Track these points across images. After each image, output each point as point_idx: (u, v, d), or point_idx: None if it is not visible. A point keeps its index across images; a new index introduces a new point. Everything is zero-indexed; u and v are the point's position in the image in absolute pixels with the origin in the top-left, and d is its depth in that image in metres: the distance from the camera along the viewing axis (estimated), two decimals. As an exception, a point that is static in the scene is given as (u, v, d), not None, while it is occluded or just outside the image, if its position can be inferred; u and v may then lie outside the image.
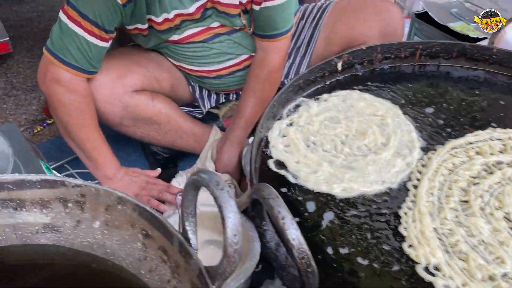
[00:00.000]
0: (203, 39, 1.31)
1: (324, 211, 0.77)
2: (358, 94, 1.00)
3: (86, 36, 1.15)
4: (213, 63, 1.37)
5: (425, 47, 1.07)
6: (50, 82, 1.19)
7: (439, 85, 1.04)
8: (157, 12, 1.19)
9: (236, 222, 0.53)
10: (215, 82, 1.43)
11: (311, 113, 0.95)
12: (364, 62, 1.06)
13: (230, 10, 1.23)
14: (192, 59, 1.36)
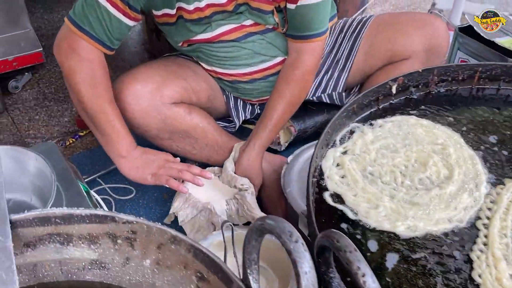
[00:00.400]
0: (235, 37, 1.28)
1: (387, 251, 0.71)
2: (415, 119, 0.94)
3: (108, 7, 1.13)
4: (246, 65, 1.34)
5: (485, 69, 1.01)
6: (66, 49, 1.16)
7: (500, 110, 0.98)
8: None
9: (313, 279, 0.48)
10: (249, 87, 1.39)
11: (366, 140, 0.89)
12: (419, 85, 1.00)
13: (263, 6, 1.20)
14: (224, 61, 1.33)
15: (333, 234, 0.54)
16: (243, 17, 1.24)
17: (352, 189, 0.80)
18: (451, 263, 0.70)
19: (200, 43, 1.30)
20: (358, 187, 0.80)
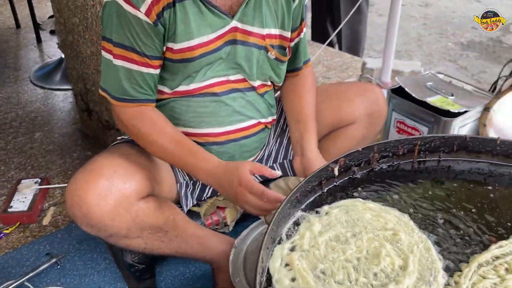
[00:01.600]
0: (218, 91, 1.28)
1: None
2: (362, 203, 0.90)
3: (126, 65, 1.18)
4: (223, 123, 1.33)
5: (424, 142, 0.99)
6: (120, 122, 1.25)
7: (443, 183, 0.96)
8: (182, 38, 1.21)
9: None
10: (220, 150, 1.35)
11: (314, 231, 0.83)
12: (361, 164, 0.97)
13: (258, 41, 1.28)
14: (202, 117, 1.31)
15: None
16: (231, 70, 1.28)
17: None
18: None
19: (180, 96, 1.28)
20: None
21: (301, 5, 1.37)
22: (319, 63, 2.90)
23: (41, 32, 3.18)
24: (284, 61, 1.38)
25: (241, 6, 1.23)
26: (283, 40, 1.34)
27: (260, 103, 1.38)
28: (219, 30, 1.22)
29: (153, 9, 1.14)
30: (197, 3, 1.19)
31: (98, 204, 1.11)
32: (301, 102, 1.43)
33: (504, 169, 0.99)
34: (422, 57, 3.68)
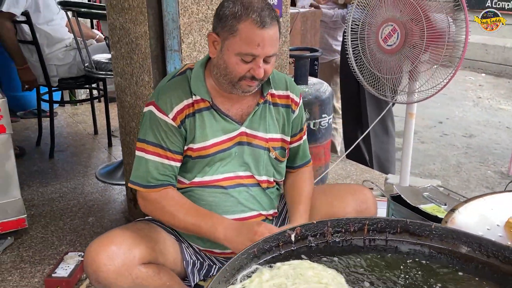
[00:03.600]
0: (226, 185, 1.57)
1: None
2: (309, 263, 1.10)
3: (156, 158, 1.52)
4: (228, 212, 1.58)
5: (371, 222, 1.20)
6: (146, 203, 1.55)
7: (385, 258, 1.14)
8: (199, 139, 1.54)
9: None
10: None
11: (262, 279, 1.04)
12: (317, 235, 1.19)
13: (262, 143, 1.59)
14: (211, 205, 1.57)
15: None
16: (241, 167, 1.58)
17: (239, 320, 0.93)
18: None
19: (196, 186, 1.58)
20: (244, 318, 0.93)
21: (300, 116, 1.70)
22: (348, 177, 3.15)
23: (113, 138, 3.74)
24: (282, 161, 1.68)
25: (249, 115, 1.58)
26: (284, 143, 1.66)
27: (262, 197, 1.65)
28: (230, 133, 1.57)
29: (178, 116, 1.52)
30: (213, 113, 1.55)
31: (105, 264, 1.41)
32: (299, 190, 1.70)
33: (441, 252, 1.15)
34: (459, 183, 3.80)
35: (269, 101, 1.63)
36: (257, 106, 1.59)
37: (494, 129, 4.90)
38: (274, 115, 1.63)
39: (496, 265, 1.07)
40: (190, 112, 1.54)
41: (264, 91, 1.60)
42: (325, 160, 2.91)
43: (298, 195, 1.68)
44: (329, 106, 2.79)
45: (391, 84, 2.26)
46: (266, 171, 1.64)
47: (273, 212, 1.71)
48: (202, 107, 1.54)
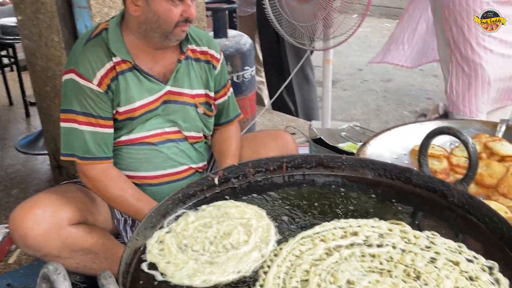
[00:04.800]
0: (155, 141, 1.58)
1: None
2: (232, 202, 1.16)
3: (90, 128, 1.48)
4: (158, 168, 1.60)
5: (289, 160, 1.27)
6: (86, 179, 1.53)
7: (302, 190, 1.22)
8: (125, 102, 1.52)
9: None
10: (155, 191, 1.62)
11: (188, 221, 1.09)
12: (239, 176, 1.24)
13: (188, 100, 1.60)
14: (141, 163, 1.59)
15: (102, 272, 0.70)
16: (167, 123, 1.58)
17: (166, 258, 0.97)
18: (233, 303, 0.86)
19: (122, 144, 1.57)
20: (171, 256, 0.98)
21: (222, 72, 1.72)
22: (275, 127, 3.24)
23: (30, 108, 3.56)
24: (211, 116, 1.71)
25: (173, 73, 1.57)
26: (208, 98, 1.67)
27: (191, 151, 1.67)
28: (155, 94, 1.56)
29: (103, 81, 1.48)
30: (136, 74, 1.53)
31: (32, 228, 1.39)
32: (227, 146, 1.74)
33: (350, 180, 1.25)
34: (379, 125, 4.03)
35: (191, 57, 1.63)
36: (179, 63, 1.58)
37: (408, 72, 5.18)
38: (197, 71, 1.64)
39: (399, 186, 1.19)
40: (113, 75, 1.51)
41: (183, 46, 1.59)
42: (251, 112, 2.96)
43: (226, 151, 1.73)
44: (251, 58, 2.82)
45: (307, 32, 2.33)
46: (195, 126, 1.66)
47: (203, 165, 1.74)
48: (124, 68, 1.52)
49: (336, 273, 0.90)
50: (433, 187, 1.13)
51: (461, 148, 1.56)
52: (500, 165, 1.40)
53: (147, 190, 1.62)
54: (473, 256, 0.94)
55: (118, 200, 1.52)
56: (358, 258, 0.95)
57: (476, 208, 1.04)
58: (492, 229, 1.00)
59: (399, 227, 1.03)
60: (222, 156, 1.72)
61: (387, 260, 0.94)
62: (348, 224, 1.05)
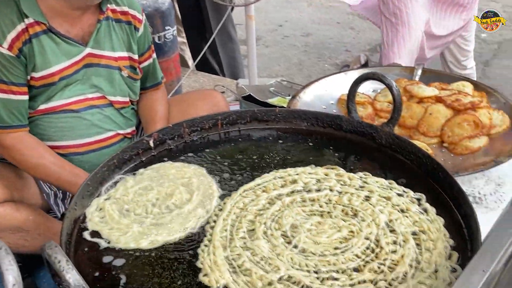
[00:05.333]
0: (77, 108, 1.50)
1: (132, 263, 0.87)
2: (170, 163, 1.15)
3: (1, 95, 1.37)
4: (83, 136, 1.54)
5: (223, 117, 1.27)
6: (2, 148, 1.44)
7: (239, 146, 1.24)
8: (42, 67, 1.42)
9: (15, 274, 0.61)
10: (83, 159, 1.56)
11: (127, 186, 1.07)
12: (175, 137, 1.23)
13: (111, 63, 1.53)
14: (63, 131, 1.51)
15: (45, 243, 0.68)
16: (89, 89, 1.50)
17: (109, 225, 0.95)
18: (183, 260, 0.87)
19: (42, 113, 1.47)
20: (114, 222, 0.96)
21: (145, 34, 1.65)
22: (201, 88, 3.20)
23: None
24: (136, 79, 1.64)
25: (92, 35, 1.49)
26: (132, 61, 1.61)
27: (117, 117, 1.61)
28: (75, 57, 1.46)
29: (15, 44, 1.36)
30: (51, 37, 1.42)
31: None
32: (154, 111, 1.70)
33: (285, 131, 1.28)
34: (302, 79, 4.11)
35: (111, 17, 1.54)
36: (98, 23, 1.50)
37: (327, 26, 5.28)
38: (118, 33, 1.56)
39: (331, 133, 1.24)
40: (26, 38, 1.39)
41: (103, 6, 1.50)
42: (176, 74, 2.89)
43: (155, 115, 1.69)
44: (171, 18, 2.73)
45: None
46: (121, 91, 1.59)
47: (131, 130, 1.69)
48: (38, 31, 1.40)
49: (280, 219, 0.94)
50: (362, 131, 1.19)
51: (383, 93, 1.65)
52: (419, 107, 1.50)
53: (74, 160, 1.55)
54: (402, 191, 1.01)
55: (39, 168, 1.45)
56: (299, 204, 0.99)
57: (402, 147, 1.12)
58: (417, 164, 1.08)
59: (334, 171, 1.09)
60: (150, 121, 1.68)
61: (326, 202, 0.99)
62: (287, 173, 1.08)
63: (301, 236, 0.89)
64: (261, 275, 0.82)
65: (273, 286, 0.80)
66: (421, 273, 0.80)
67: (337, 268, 0.82)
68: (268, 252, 0.86)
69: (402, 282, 0.79)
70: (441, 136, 1.42)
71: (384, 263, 0.83)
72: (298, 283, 0.80)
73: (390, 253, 0.85)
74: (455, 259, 0.83)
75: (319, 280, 0.80)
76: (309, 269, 0.82)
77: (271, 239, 0.89)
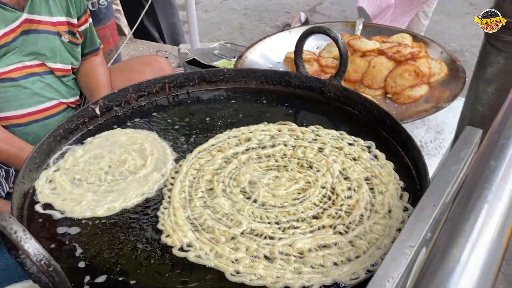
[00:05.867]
0: (16, 76, 1.42)
1: (90, 232, 0.85)
2: (120, 130, 1.12)
3: None
4: (24, 105, 1.47)
5: (171, 80, 1.24)
6: None
7: (189, 108, 1.22)
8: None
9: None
10: (26, 131, 1.49)
11: (76, 156, 1.03)
12: (122, 103, 1.19)
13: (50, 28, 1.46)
14: (3, 102, 1.43)
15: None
16: (27, 57, 1.42)
17: (61, 196, 0.92)
18: (143, 224, 0.86)
19: None
20: (66, 192, 0.93)
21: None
22: (142, 56, 3.10)
23: None
24: (77, 43, 1.57)
25: (28, 0, 1.40)
26: (71, 26, 1.53)
27: (59, 85, 1.54)
28: (11, 24, 1.37)
29: None
30: None
31: None
32: (96, 78, 1.64)
33: (235, 92, 1.27)
34: (244, 42, 4.08)
35: None
36: None
37: (265, -12, 5.24)
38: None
39: (281, 90, 1.25)
40: None
41: None
42: (114, 42, 2.78)
43: (97, 83, 1.63)
44: (104, -17, 2.60)
45: None
46: (61, 57, 1.52)
47: (75, 99, 1.63)
48: None
49: (238, 177, 0.95)
50: (311, 86, 1.21)
51: (327, 49, 1.67)
52: (363, 60, 1.53)
53: (17, 131, 1.49)
54: (353, 140, 1.04)
55: None
56: (255, 160, 1.00)
57: (350, 98, 1.14)
58: (365, 114, 1.11)
59: (287, 126, 1.10)
60: (93, 88, 1.63)
61: (281, 157, 1.01)
62: (241, 132, 1.09)
63: (260, 191, 0.90)
64: (224, 231, 0.82)
65: (236, 240, 0.81)
66: (376, 214, 0.84)
67: (297, 218, 0.84)
68: (229, 208, 0.87)
69: (359, 224, 0.82)
70: (385, 88, 1.46)
71: (341, 209, 0.86)
72: (260, 235, 0.81)
73: (346, 199, 0.88)
74: (406, 198, 0.88)
75: (280, 230, 0.82)
76: (270, 221, 0.84)
77: (231, 196, 0.90)
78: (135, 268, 0.77)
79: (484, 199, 0.42)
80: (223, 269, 0.76)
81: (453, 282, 0.34)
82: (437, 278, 0.35)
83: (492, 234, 0.39)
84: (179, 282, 0.75)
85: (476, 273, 0.35)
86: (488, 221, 0.40)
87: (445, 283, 0.34)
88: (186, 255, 0.79)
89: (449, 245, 0.38)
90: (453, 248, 0.37)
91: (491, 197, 0.43)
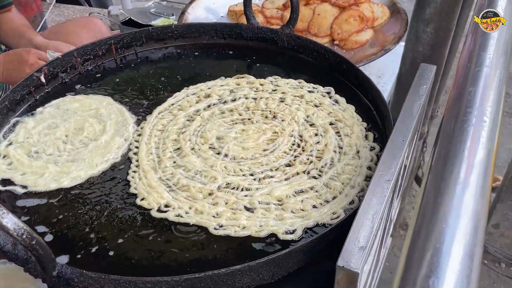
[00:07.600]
0: None
1: (58, 203, 0.81)
2: (70, 97, 1.06)
3: None
4: None
5: (117, 40, 1.18)
6: None
7: (140, 69, 1.17)
8: None
9: None
10: None
11: (28, 128, 0.97)
12: (67, 69, 1.12)
13: None
14: None
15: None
16: None
17: (20, 170, 0.87)
18: (114, 190, 0.83)
19: None
20: (24, 167, 0.88)
21: None
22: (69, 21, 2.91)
23: None
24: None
25: None
26: None
27: None
28: None
29: None
30: None
31: None
32: (18, 26, 1.57)
33: (185, 48, 1.24)
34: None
35: None
36: None
37: None
38: None
39: (233, 43, 1.23)
40: None
41: None
42: (37, 8, 2.58)
43: (18, 28, 1.61)
44: None
45: None
46: None
47: None
48: None
49: (204, 133, 0.94)
50: (263, 37, 1.20)
51: (270, 0, 1.65)
52: (307, 9, 1.53)
53: None
54: (312, 87, 1.06)
55: None
56: (219, 116, 0.99)
57: (305, 46, 1.15)
58: (320, 60, 1.12)
59: (245, 79, 1.09)
60: (22, 32, 1.61)
61: (244, 110, 1.00)
62: (199, 89, 1.06)
63: (229, 145, 0.90)
64: (200, 188, 0.82)
65: (214, 195, 0.81)
66: (345, 156, 0.87)
67: (270, 167, 0.85)
68: (201, 165, 0.86)
69: (331, 167, 0.85)
70: (331, 35, 1.48)
71: (312, 154, 0.88)
72: (237, 188, 0.82)
73: (314, 144, 0.90)
74: (372, 138, 0.91)
75: (256, 181, 0.83)
76: (245, 173, 0.84)
77: (201, 154, 0.89)
78: (115, 235, 0.75)
79: (470, 122, 0.45)
80: (205, 225, 0.76)
81: (457, 197, 0.37)
82: (444, 197, 0.37)
83: (483, 155, 0.42)
84: (163, 242, 0.74)
85: (476, 191, 0.38)
86: (477, 141, 0.43)
87: (451, 201, 0.37)
88: (165, 215, 0.78)
89: (447, 168, 0.40)
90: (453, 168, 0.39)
91: (476, 120, 0.45)
